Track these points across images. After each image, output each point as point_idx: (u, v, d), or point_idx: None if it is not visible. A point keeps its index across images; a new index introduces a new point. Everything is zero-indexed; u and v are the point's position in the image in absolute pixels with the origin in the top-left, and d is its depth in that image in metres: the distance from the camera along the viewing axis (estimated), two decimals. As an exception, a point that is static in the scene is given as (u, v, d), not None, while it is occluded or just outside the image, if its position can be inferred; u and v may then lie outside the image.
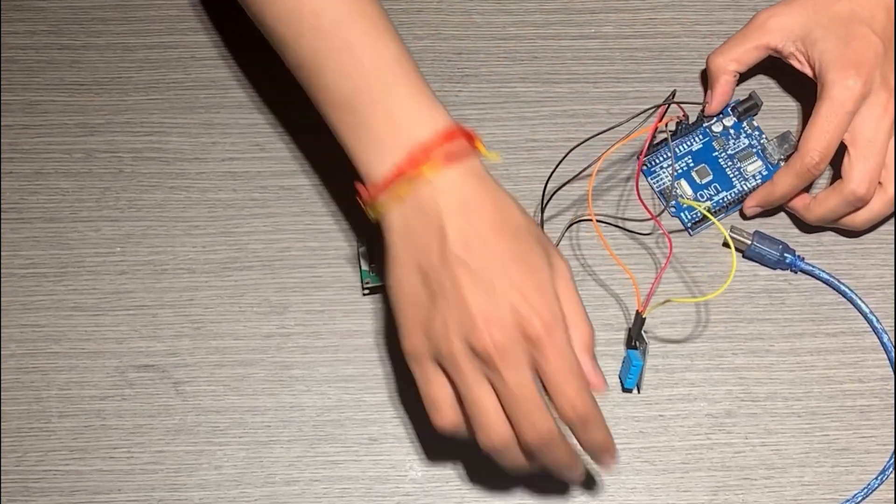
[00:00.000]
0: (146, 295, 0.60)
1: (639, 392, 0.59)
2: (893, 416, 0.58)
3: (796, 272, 0.61)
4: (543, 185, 0.60)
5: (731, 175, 0.62)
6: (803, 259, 0.60)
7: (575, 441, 0.51)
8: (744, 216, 0.62)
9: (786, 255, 0.60)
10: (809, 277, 0.61)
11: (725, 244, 0.61)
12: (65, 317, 0.60)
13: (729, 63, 0.61)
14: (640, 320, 0.57)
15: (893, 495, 0.57)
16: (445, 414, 0.51)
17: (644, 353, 0.58)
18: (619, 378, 0.59)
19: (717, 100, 0.62)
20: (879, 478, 0.57)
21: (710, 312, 0.60)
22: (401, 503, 0.57)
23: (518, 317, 0.48)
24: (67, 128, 0.63)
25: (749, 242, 0.60)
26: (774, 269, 0.61)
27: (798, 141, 0.59)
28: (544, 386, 0.50)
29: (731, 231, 0.60)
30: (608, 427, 0.51)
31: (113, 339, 0.60)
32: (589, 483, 0.57)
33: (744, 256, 0.61)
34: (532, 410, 0.49)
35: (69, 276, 0.61)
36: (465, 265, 0.49)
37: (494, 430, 0.50)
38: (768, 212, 0.61)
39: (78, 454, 0.58)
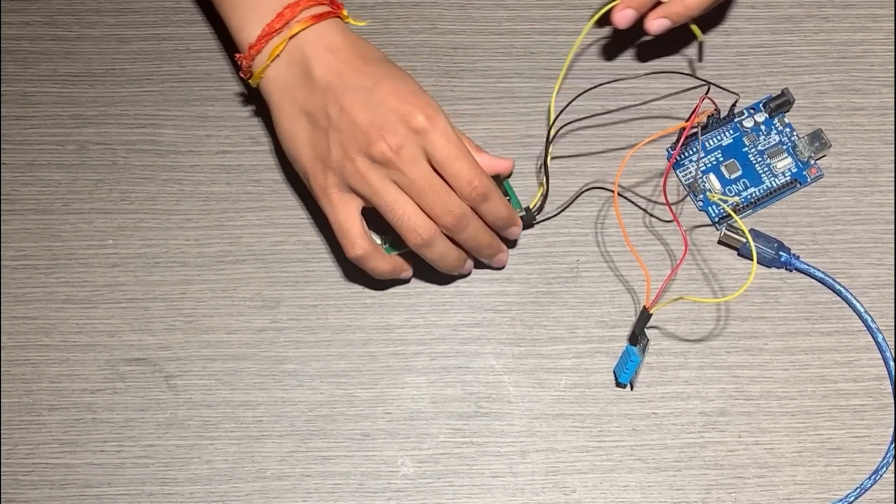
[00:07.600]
0: (138, 288, 0.60)
1: (632, 389, 0.59)
2: (894, 415, 0.58)
3: (791, 270, 0.61)
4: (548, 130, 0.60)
5: (761, 171, 0.62)
6: (798, 257, 0.60)
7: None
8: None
9: (781, 253, 0.60)
10: (804, 276, 0.61)
11: (720, 242, 0.61)
12: (56, 309, 0.60)
13: None
14: (646, 316, 0.57)
15: (893, 494, 0.57)
16: (358, 243, 0.55)
17: (644, 349, 0.58)
18: (614, 372, 0.59)
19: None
20: (872, 478, 0.57)
21: (704, 310, 0.60)
22: (392, 499, 0.57)
23: (401, 116, 0.53)
24: (61, 119, 0.63)
25: (744, 240, 0.60)
26: (769, 267, 0.61)
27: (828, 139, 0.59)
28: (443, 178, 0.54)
29: (726, 229, 0.60)
30: (506, 201, 0.57)
31: (104, 331, 0.59)
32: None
33: (738, 254, 0.61)
34: (440, 193, 0.54)
35: (61, 268, 0.60)
36: (343, 91, 0.54)
37: (417, 224, 0.54)
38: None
39: (68, 447, 0.58)
